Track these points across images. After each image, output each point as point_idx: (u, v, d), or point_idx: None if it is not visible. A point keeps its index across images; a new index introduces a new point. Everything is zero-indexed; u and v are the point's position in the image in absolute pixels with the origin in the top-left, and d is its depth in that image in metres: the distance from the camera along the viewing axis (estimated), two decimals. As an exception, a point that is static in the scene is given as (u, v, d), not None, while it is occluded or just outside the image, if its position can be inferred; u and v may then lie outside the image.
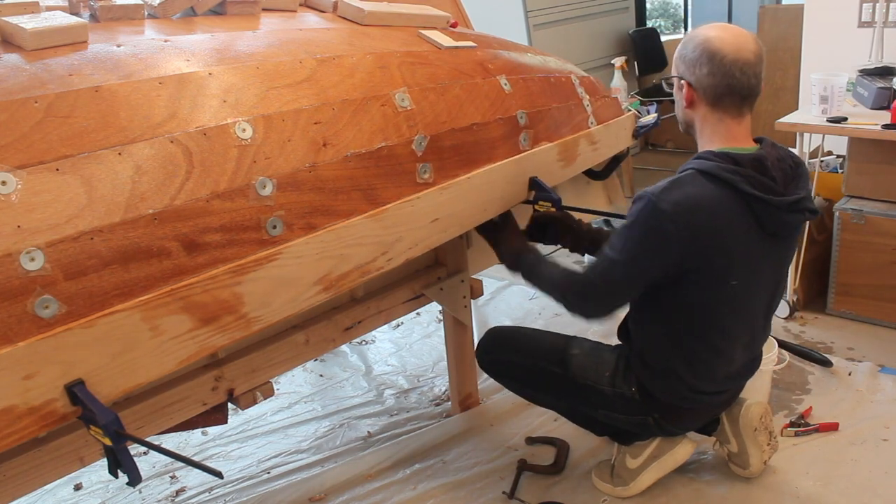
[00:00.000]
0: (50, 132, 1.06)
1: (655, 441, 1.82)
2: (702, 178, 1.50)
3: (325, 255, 1.32)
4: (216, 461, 2.20)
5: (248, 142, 1.25)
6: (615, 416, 1.78)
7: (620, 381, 1.72)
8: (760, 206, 1.50)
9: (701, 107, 1.58)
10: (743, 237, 1.52)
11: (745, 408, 1.81)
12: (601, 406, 1.77)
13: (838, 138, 2.81)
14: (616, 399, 1.73)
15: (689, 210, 1.46)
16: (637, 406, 1.72)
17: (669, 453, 1.82)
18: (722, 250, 1.51)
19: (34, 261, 0.98)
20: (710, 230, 1.48)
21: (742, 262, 1.55)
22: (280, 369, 1.64)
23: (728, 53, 1.50)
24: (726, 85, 1.52)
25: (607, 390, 1.73)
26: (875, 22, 3.03)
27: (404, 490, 1.95)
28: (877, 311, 2.63)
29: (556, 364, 1.79)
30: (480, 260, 2.21)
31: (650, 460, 1.82)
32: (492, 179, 1.70)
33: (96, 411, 1.01)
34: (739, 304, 1.61)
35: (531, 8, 4.07)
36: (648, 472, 1.82)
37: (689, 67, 1.56)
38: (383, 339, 2.89)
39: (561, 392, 1.83)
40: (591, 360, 1.77)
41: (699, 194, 1.47)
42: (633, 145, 2.89)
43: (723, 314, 1.60)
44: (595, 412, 1.81)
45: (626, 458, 1.84)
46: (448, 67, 1.71)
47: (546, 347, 1.84)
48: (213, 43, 1.38)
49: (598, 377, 1.74)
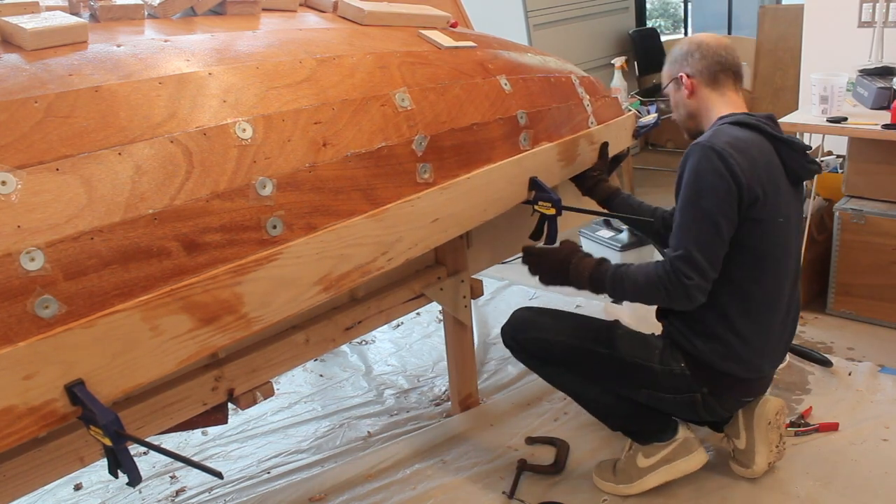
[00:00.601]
0: (50, 132, 1.06)
1: (673, 444, 1.81)
2: (734, 127, 1.68)
3: (325, 255, 1.32)
4: (216, 461, 2.20)
5: (248, 142, 1.25)
6: (661, 396, 1.76)
7: (668, 358, 1.74)
8: (786, 149, 1.69)
9: (702, 90, 1.79)
10: (778, 177, 1.67)
11: (763, 401, 1.83)
12: (647, 385, 1.75)
13: (838, 138, 2.81)
14: (664, 376, 1.73)
15: (742, 146, 1.62)
16: (685, 382, 1.72)
17: (683, 459, 1.81)
18: (771, 183, 1.64)
19: (34, 261, 0.98)
20: (763, 163, 1.64)
21: (784, 202, 1.68)
22: (280, 369, 1.64)
23: (710, 41, 1.81)
24: (717, 62, 1.77)
25: (656, 367, 1.73)
26: (875, 22, 3.03)
27: (404, 490, 1.95)
28: (877, 311, 2.63)
29: (602, 343, 1.78)
30: (480, 260, 2.21)
31: (662, 462, 1.81)
32: (492, 179, 1.70)
33: (96, 411, 1.01)
34: (785, 249, 1.70)
35: (531, 8, 4.07)
36: (657, 474, 1.81)
37: (681, 62, 1.82)
38: (383, 339, 2.89)
39: (603, 372, 1.80)
40: (640, 339, 1.79)
41: (742, 136, 1.65)
42: (633, 145, 2.89)
43: (776, 258, 1.68)
44: (638, 392, 1.78)
45: (637, 456, 1.83)
46: (448, 67, 1.71)
47: (590, 327, 1.83)
48: (213, 43, 1.38)
49: (649, 354, 1.75)
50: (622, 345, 1.77)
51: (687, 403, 1.76)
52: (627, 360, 1.75)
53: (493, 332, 2.82)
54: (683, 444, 1.82)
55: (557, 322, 1.86)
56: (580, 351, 1.79)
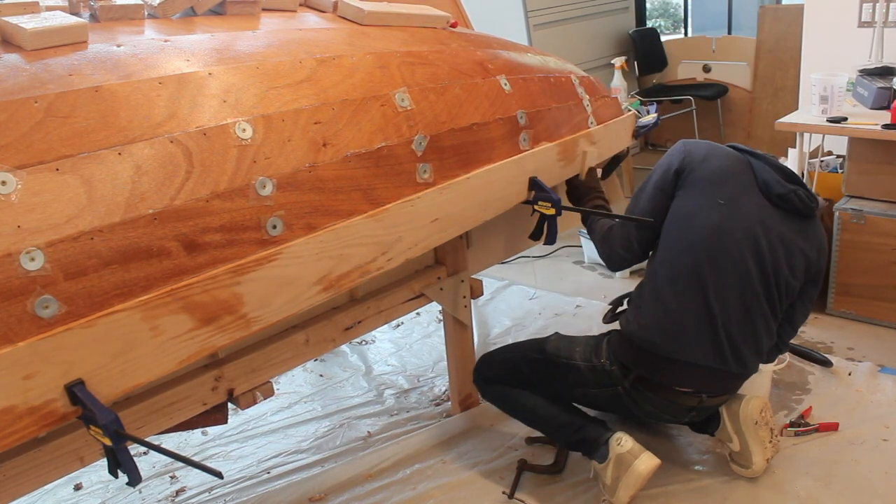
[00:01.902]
0: (50, 132, 1.06)
1: (610, 464, 1.77)
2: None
3: (325, 255, 1.32)
4: (216, 461, 2.20)
5: (248, 142, 1.25)
6: (590, 393, 1.87)
7: (590, 354, 1.86)
8: (758, 163, 1.75)
9: None
10: (743, 186, 1.73)
11: (745, 402, 1.83)
12: (577, 383, 1.87)
13: (838, 138, 2.81)
14: (588, 372, 1.84)
15: (707, 144, 1.80)
16: (607, 375, 1.82)
17: (628, 472, 1.75)
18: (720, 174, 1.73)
19: (34, 261, 0.98)
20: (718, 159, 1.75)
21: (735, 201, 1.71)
22: (280, 369, 1.64)
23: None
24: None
25: (580, 364, 1.86)
26: (875, 22, 3.03)
27: (404, 490, 1.95)
28: (877, 311, 2.63)
29: (536, 350, 1.93)
30: (480, 260, 2.21)
31: (616, 479, 1.77)
32: (492, 179, 1.70)
33: (96, 411, 1.01)
34: (727, 245, 1.68)
35: (531, 8, 4.07)
36: (622, 490, 1.77)
37: None
38: (383, 339, 2.89)
39: (539, 377, 1.91)
40: (567, 340, 1.93)
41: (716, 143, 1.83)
42: (633, 145, 2.89)
43: (711, 245, 1.69)
44: (572, 392, 1.89)
45: (602, 473, 1.80)
46: (448, 67, 1.71)
47: (532, 341, 2.01)
48: (213, 43, 1.38)
49: (571, 352, 1.88)
50: (550, 347, 1.92)
51: (615, 397, 1.83)
52: (553, 360, 1.89)
53: (493, 332, 2.82)
54: (618, 461, 1.76)
55: (508, 348, 2.06)
56: (520, 361, 1.95)
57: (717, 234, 1.69)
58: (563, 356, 1.88)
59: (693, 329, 1.71)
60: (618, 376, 1.80)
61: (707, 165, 1.74)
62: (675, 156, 1.78)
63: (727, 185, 1.72)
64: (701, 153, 1.76)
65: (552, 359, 1.89)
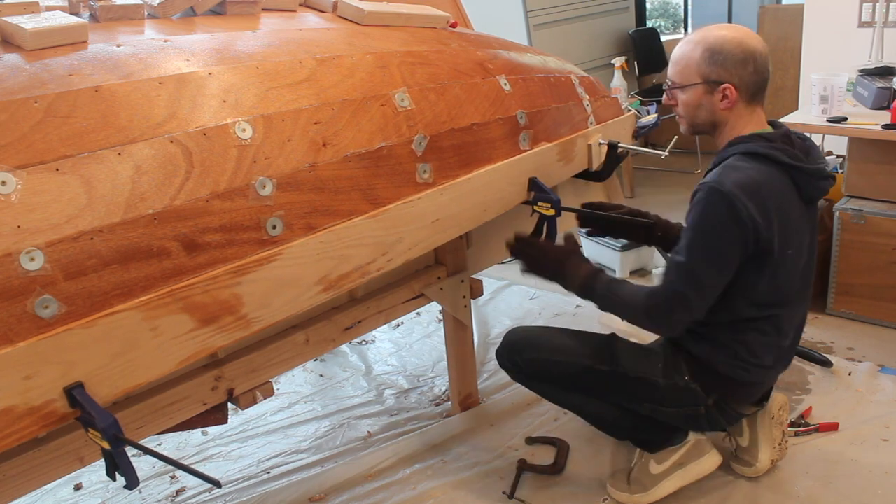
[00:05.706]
0: (50, 132, 1.06)
1: (684, 448, 1.79)
2: (746, 159, 1.59)
3: (325, 256, 1.32)
4: (216, 461, 2.20)
5: (248, 142, 1.25)
6: (664, 410, 1.74)
7: (672, 371, 1.71)
8: (799, 175, 1.62)
9: (739, 105, 1.64)
10: (790, 209, 1.62)
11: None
12: (650, 399, 1.73)
13: (838, 138, 2.81)
14: (668, 390, 1.71)
15: (753, 187, 1.54)
16: (690, 395, 1.70)
17: (696, 462, 1.79)
18: (782, 219, 1.59)
19: (34, 261, 0.98)
20: (774, 203, 1.57)
21: (795, 230, 1.63)
22: (280, 369, 1.64)
23: (761, 51, 1.62)
24: (763, 80, 1.64)
25: (661, 382, 1.71)
26: (875, 22, 3.03)
27: (404, 490, 1.95)
28: (877, 311, 2.63)
29: (604, 361, 1.75)
30: (480, 260, 2.21)
31: (675, 467, 1.78)
32: (492, 180, 1.70)
33: (95, 414, 1.01)
34: (792, 273, 1.66)
35: (531, 8, 4.07)
36: (671, 480, 1.78)
37: (730, 70, 1.60)
38: (383, 339, 2.89)
39: (606, 389, 1.78)
40: (642, 353, 1.76)
41: (753, 172, 1.56)
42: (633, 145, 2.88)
43: (780, 284, 1.63)
44: (640, 406, 1.77)
45: (649, 463, 1.81)
46: (448, 67, 1.71)
47: (590, 344, 1.80)
48: (213, 43, 1.38)
49: (652, 368, 1.72)
50: (624, 360, 1.74)
51: (691, 416, 1.75)
52: (631, 375, 1.72)
53: (493, 332, 2.82)
54: (696, 447, 1.80)
55: (554, 341, 1.82)
56: (582, 369, 1.76)
57: (790, 282, 1.67)
58: (644, 372, 1.72)
59: (791, 352, 1.80)
60: (702, 395, 1.71)
61: (768, 224, 1.56)
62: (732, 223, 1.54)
63: (789, 228, 1.61)
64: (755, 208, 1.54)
65: (628, 373, 1.73)
